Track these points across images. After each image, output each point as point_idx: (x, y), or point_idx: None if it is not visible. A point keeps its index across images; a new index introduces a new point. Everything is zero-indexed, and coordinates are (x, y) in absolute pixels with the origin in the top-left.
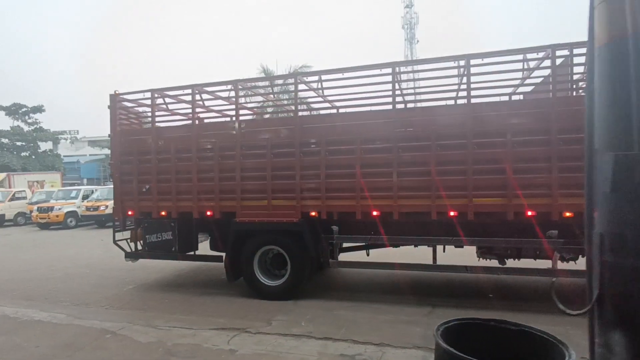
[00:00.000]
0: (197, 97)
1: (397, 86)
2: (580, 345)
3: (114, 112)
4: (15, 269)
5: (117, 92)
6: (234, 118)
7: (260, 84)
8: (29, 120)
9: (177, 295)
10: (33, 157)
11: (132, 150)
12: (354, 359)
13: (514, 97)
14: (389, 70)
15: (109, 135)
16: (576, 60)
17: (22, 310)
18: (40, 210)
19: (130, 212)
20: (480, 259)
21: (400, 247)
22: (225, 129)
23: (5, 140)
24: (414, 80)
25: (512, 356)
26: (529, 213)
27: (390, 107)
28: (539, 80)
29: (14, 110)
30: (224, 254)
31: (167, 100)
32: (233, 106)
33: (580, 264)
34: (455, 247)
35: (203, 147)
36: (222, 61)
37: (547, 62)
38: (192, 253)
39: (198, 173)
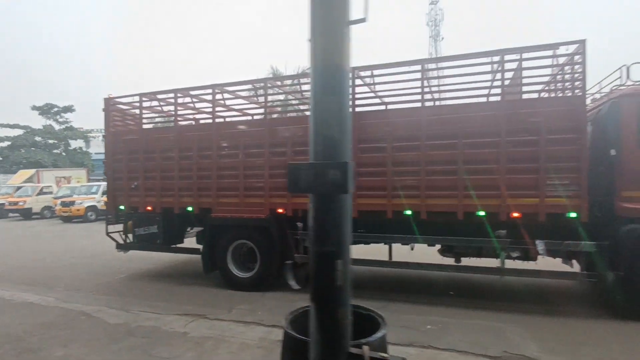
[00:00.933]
0: (188, 99)
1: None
2: (509, 339)
3: (108, 114)
4: (27, 257)
5: (110, 95)
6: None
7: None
8: (60, 120)
9: (161, 284)
10: (64, 154)
11: (122, 150)
12: None
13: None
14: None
15: (103, 136)
16: (525, 64)
17: (19, 293)
18: (63, 204)
19: (121, 207)
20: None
21: (371, 244)
22: (203, 130)
23: (38, 139)
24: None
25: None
26: (481, 213)
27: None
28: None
29: (46, 110)
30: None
31: (156, 102)
32: (219, 108)
33: (535, 264)
34: (429, 245)
35: (184, 147)
36: (241, 62)
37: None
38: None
39: (179, 171)
